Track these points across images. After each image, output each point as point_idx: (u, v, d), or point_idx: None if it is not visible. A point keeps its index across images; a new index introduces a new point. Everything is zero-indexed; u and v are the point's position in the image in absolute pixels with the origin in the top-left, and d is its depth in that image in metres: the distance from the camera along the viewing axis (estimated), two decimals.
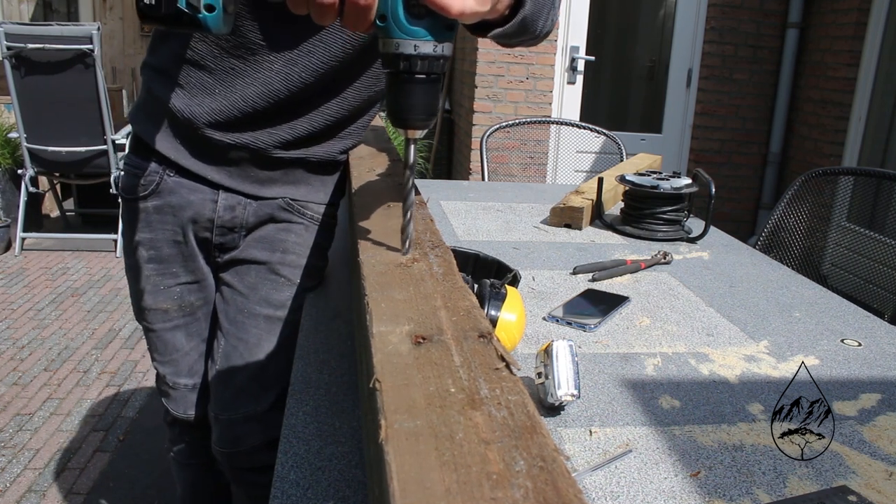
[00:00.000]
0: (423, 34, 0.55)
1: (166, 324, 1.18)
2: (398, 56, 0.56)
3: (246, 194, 1.10)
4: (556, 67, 4.15)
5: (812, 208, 1.99)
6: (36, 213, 4.35)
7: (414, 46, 0.55)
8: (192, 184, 1.08)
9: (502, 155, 3.91)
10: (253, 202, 1.11)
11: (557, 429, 0.76)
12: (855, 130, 3.80)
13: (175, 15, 0.54)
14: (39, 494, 2.02)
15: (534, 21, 0.78)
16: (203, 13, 0.54)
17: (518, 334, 0.87)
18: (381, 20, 0.55)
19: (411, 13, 0.54)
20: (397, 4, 0.54)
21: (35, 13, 6.11)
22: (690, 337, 1.03)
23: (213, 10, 0.54)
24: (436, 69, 0.57)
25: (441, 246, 0.64)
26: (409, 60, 0.56)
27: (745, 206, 4.48)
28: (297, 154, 1.09)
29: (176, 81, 1.02)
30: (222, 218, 1.11)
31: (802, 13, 4.12)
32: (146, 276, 1.13)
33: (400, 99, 0.58)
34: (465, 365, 0.41)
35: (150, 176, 1.08)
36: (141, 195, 1.08)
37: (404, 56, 0.56)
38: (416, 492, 0.30)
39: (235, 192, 1.10)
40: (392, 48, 0.56)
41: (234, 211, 1.11)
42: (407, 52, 0.55)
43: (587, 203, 1.62)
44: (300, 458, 0.69)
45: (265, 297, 1.13)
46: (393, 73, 0.58)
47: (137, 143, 1.10)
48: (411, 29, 0.55)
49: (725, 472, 0.70)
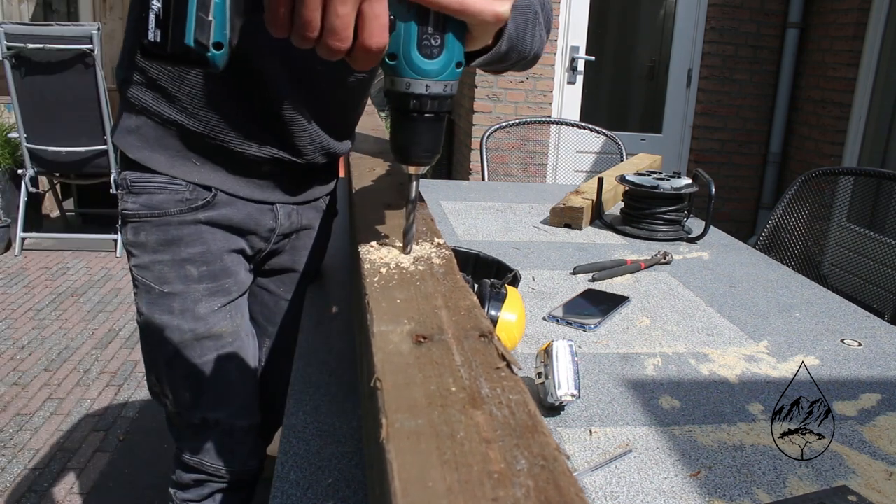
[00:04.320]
0: (436, 74, 0.54)
1: (220, 351, 1.02)
2: (408, 95, 0.55)
3: (297, 202, 1.09)
4: (556, 67, 4.15)
5: (812, 208, 2.00)
6: (36, 213, 4.35)
7: (426, 87, 0.54)
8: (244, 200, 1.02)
9: (502, 155, 3.91)
10: (302, 206, 1.10)
11: (557, 429, 0.76)
12: (855, 130, 3.80)
13: (182, 54, 0.52)
14: (39, 494, 2.02)
15: (520, 39, 0.76)
16: (212, 51, 0.51)
17: (518, 334, 0.87)
18: (391, 59, 0.54)
19: (423, 53, 0.53)
20: (410, 44, 0.53)
21: (35, 13, 6.11)
22: (690, 337, 1.03)
23: (221, 48, 0.52)
24: (444, 108, 0.56)
25: (442, 246, 0.64)
26: (420, 100, 0.55)
27: (745, 206, 4.48)
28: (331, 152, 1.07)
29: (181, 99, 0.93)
30: (283, 226, 1.08)
31: (802, 13, 4.12)
32: (196, 298, 0.99)
33: (406, 136, 0.57)
34: (466, 364, 0.41)
35: (197, 192, 0.98)
36: (188, 209, 0.98)
37: (415, 95, 0.54)
38: (417, 491, 0.30)
39: (288, 204, 1.07)
40: (402, 87, 0.54)
41: (290, 217, 1.09)
42: (418, 91, 0.54)
43: (587, 203, 1.62)
44: (300, 458, 0.69)
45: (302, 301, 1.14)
46: (401, 110, 0.56)
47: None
48: (424, 70, 0.54)
49: (725, 472, 0.70)
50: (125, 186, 0.98)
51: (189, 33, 0.51)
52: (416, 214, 0.62)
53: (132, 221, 0.98)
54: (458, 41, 0.55)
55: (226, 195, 0.99)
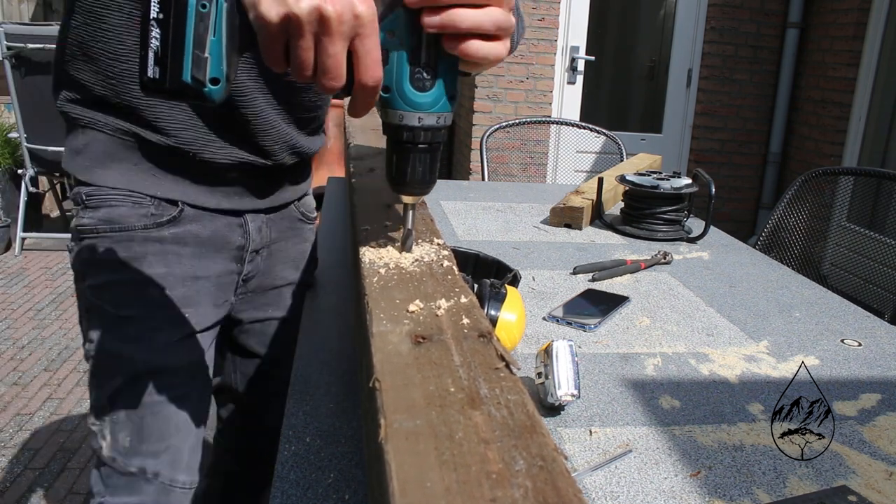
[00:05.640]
0: (429, 106, 0.55)
1: (171, 391, 0.90)
2: (401, 127, 0.56)
3: (268, 209, 1.00)
4: (556, 67, 4.15)
5: (812, 208, 1.99)
6: (36, 213, 4.35)
7: (418, 119, 0.55)
8: (212, 212, 0.93)
9: (502, 155, 3.91)
10: (270, 215, 1.02)
11: (557, 429, 0.76)
12: (855, 130, 3.80)
13: (180, 90, 0.53)
14: (39, 494, 2.02)
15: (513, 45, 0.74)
16: (208, 87, 0.53)
17: (518, 334, 0.87)
18: (385, 91, 0.55)
19: (416, 86, 0.54)
20: (403, 77, 0.54)
21: (35, 13, 6.11)
22: (690, 337, 1.03)
23: (218, 83, 0.53)
24: (438, 139, 0.57)
25: (441, 246, 0.64)
26: (413, 132, 0.56)
27: (745, 206, 4.48)
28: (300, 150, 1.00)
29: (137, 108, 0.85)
30: (254, 241, 0.99)
31: (802, 13, 4.12)
32: (155, 326, 0.89)
33: (400, 167, 0.58)
34: (464, 365, 0.41)
35: (163, 207, 0.89)
36: (153, 224, 0.89)
37: (407, 128, 0.56)
38: (415, 491, 0.30)
39: (257, 212, 0.99)
40: (395, 119, 0.56)
41: (261, 232, 1.00)
42: (411, 123, 0.56)
43: (587, 203, 1.62)
44: (300, 458, 0.69)
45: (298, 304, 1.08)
46: (395, 141, 0.58)
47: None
48: (416, 102, 0.55)
49: (725, 472, 0.70)
50: (80, 202, 0.88)
51: (186, 70, 0.52)
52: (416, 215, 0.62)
53: (88, 237, 0.88)
54: (450, 74, 0.56)
55: (193, 209, 0.91)
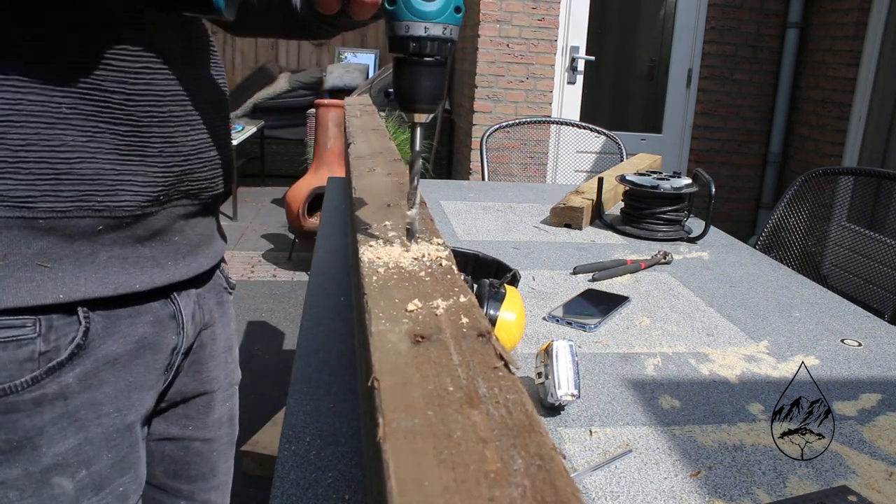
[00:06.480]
0: (434, 16, 0.55)
1: None
2: (408, 38, 0.56)
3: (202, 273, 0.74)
4: (556, 67, 4.15)
5: (812, 208, 1.99)
6: None
7: (424, 28, 0.56)
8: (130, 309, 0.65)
9: (502, 155, 3.90)
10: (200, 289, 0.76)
11: (557, 429, 0.76)
12: (855, 130, 3.80)
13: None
14: None
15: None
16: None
17: (518, 334, 0.87)
18: (391, 3, 0.56)
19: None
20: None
21: None
22: (690, 337, 1.03)
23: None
24: (444, 52, 0.57)
25: (441, 245, 0.64)
26: (419, 42, 0.56)
27: (745, 206, 4.48)
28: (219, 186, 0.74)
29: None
30: (188, 334, 0.73)
31: (803, 13, 4.12)
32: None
33: (408, 82, 0.58)
34: (463, 364, 0.41)
35: (56, 331, 0.59)
36: (46, 372, 0.58)
37: (413, 38, 0.56)
38: (413, 490, 0.30)
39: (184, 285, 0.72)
40: (402, 31, 0.56)
41: (194, 318, 0.75)
42: (416, 34, 0.56)
43: (587, 203, 1.62)
44: (300, 458, 0.69)
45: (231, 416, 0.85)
46: (401, 56, 0.58)
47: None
48: (422, 11, 0.55)
49: (725, 472, 0.70)
50: None
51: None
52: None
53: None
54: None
55: (102, 316, 0.62)
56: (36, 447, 0.58)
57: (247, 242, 4.39)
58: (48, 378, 0.58)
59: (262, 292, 3.56)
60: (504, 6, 3.96)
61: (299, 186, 3.80)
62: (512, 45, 4.02)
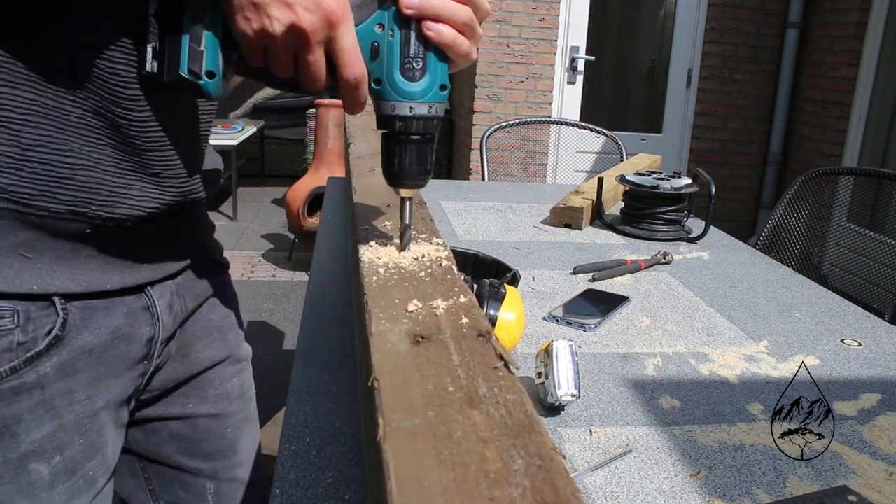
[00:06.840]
0: (419, 96, 0.57)
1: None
2: (393, 118, 0.57)
3: (172, 274, 0.74)
4: (556, 67, 4.15)
5: (812, 208, 1.99)
6: None
7: (409, 108, 0.57)
8: (106, 301, 0.66)
9: (502, 155, 3.91)
10: (179, 279, 0.76)
11: (557, 429, 0.76)
12: (855, 130, 3.80)
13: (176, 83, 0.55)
14: None
15: None
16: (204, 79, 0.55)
17: (518, 334, 0.87)
18: (377, 84, 0.57)
19: (406, 76, 0.56)
20: (393, 68, 0.56)
21: None
22: (690, 337, 1.03)
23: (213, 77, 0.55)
24: (430, 129, 0.59)
25: (441, 245, 0.64)
26: (405, 121, 0.57)
27: (745, 206, 4.48)
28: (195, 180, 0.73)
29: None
30: (166, 326, 0.74)
31: (803, 13, 4.12)
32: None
33: (394, 159, 0.59)
34: (463, 364, 0.41)
35: (34, 321, 0.60)
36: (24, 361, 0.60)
37: (399, 117, 0.57)
38: (413, 490, 0.30)
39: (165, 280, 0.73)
40: (388, 110, 0.57)
41: (172, 309, 0.75)
42: (402, 113, 0.57)
43: (587, 203, 1.62)
44: (300, 458, 0.69)
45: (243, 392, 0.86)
46: (388, 133, 0.59)
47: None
48: (407, 91, 0.56)
49: (725, 472, 0.70)
50: None
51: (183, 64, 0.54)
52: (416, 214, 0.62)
53: None
54: (440, 63, 0.57)
55: (80, 308, 0.64)
56: (14, 434, 0.61)
57: (247, 242, 4.39)
58: (26, 368, 0.61)
59: (262, 292, 3.56)
60: (504, 6, 3.96)
61: (299, 186, 3.80)
62: (512, 45, 4.02)
